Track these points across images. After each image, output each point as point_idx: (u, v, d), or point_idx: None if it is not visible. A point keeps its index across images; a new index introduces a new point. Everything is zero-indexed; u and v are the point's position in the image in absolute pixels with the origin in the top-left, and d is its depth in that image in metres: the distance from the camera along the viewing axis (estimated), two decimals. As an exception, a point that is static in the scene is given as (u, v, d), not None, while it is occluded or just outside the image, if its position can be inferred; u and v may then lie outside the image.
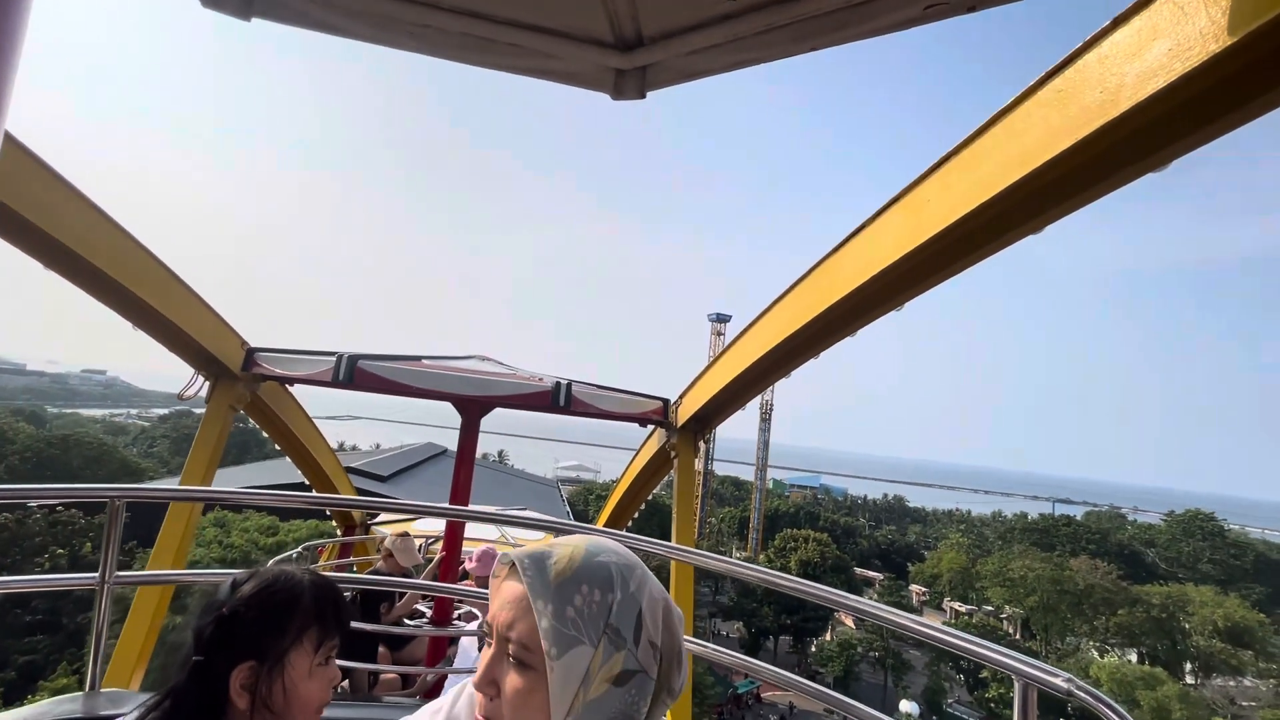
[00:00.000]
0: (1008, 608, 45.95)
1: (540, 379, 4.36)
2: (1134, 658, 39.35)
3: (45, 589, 1.89)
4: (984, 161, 2.14)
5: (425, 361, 4.31)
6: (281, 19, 2.09)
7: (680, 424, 5.40)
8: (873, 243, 2.78)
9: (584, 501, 57.47)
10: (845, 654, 39.87)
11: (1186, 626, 38.70)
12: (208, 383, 4.87)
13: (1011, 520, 67.83)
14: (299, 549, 6.26)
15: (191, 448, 4.77)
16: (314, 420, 6.85)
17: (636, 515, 7.75)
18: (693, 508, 5.71)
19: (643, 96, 2.32)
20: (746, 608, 45.25)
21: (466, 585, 5.06)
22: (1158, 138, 1.72)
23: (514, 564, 0.84)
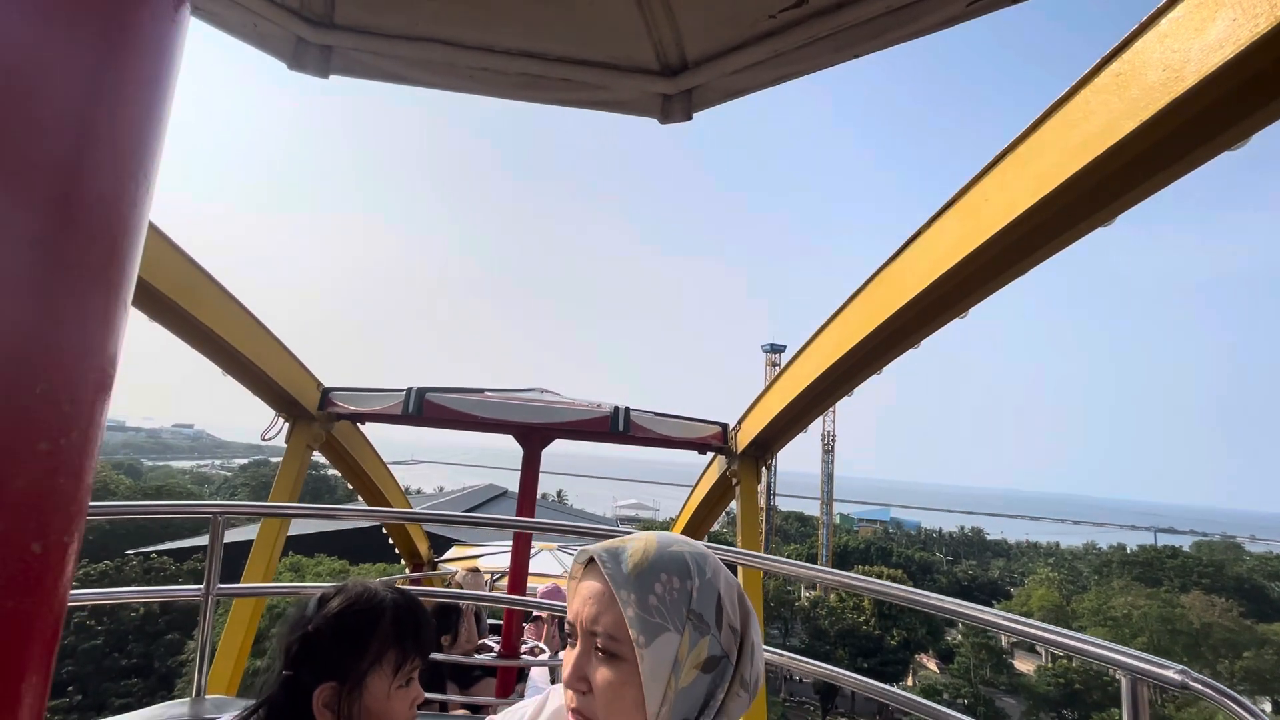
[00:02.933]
0: (1115, 649, 41.96)
1: (599, 405, 4.44)
2: (1269, 707, 34.98)
3: (155, 599, 2.06)
4: (1043, 154, 2.09)
5: (488, 394, 4.46)
6: (356, 74, 2.31)
7: (741, 450, 5.33)
8: (931, 247, 2.73)
9: (645, 540, 56.53)
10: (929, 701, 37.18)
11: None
12: (287, 424, 5.19)
13: (1108, 552, 62.55)
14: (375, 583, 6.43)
15: (274, 484, 5.06)
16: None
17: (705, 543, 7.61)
18: (758, 532, 5.58)
19: (689, 118, 2.41)
20: (818, 650, 43.05)
21: (532, 627, 5.07)
22: (1230, 113, 1.65)
23: (592, 559, 0.85)
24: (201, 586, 1.97)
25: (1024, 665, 36.54)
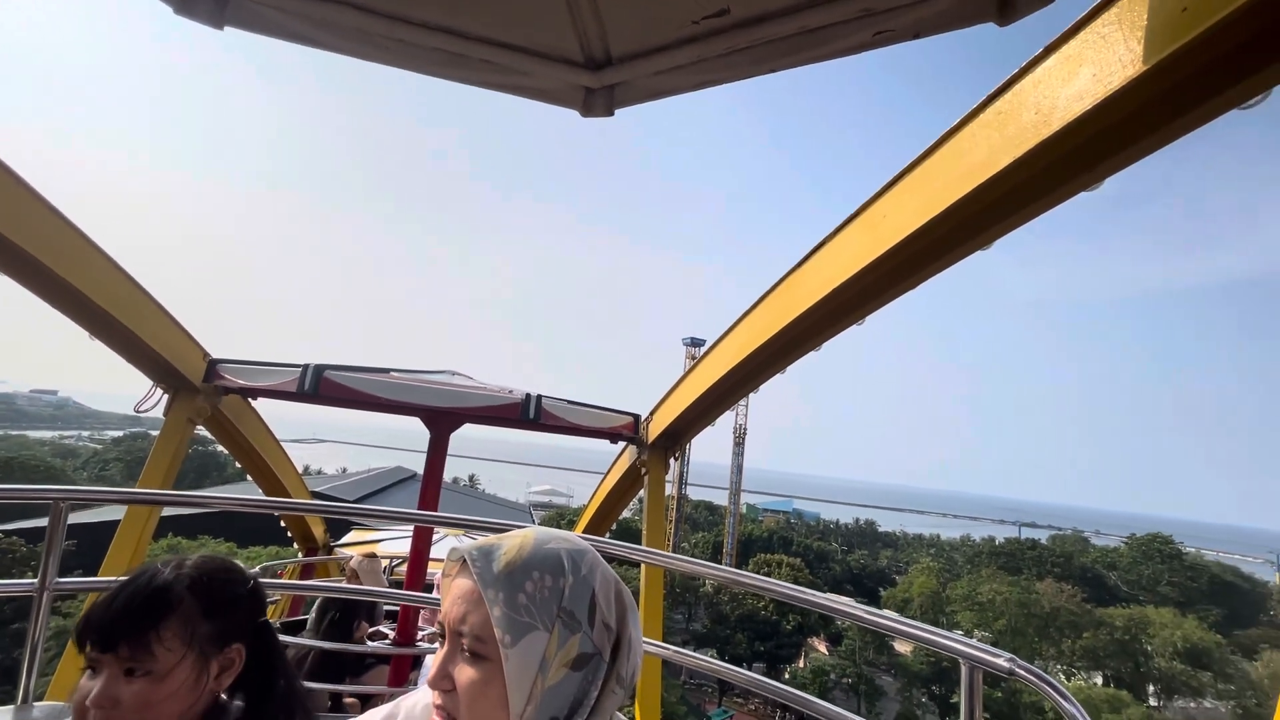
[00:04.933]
0: (977, 631, 46.37)
1: (510, 391, 4.37)
2: (1100, 680, 39.89)
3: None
4: (934, 179, 2.26)
5: (394, 374, 4.27)
6: (254, 28, 2.13)
7: (651, 440, 5.43)
8: (833, 258, 2.89)
9: (556, 525, 56.37)
10: (819, 680, 39.63)
11: (1149, 648, 39.48)
12: (166, 396, 4.76)
13: (979, 544, 68.76)
14: (257, 569, 6.05)
15: (146, 463, 4.63)
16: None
17: (607, 538, 7.72)
18: (663, 521, 5.72)
19: (611, 114, 2.41)
20: (720, 635, 44.77)
21: (431, 614, 4.95)
22: (1088, 156, 1.85)
23: (463, 559, 0.84)
24: (34, 581, 1.75)
25: (903, 647, 39.68)
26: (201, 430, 5.25)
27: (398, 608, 4.69)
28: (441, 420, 4.68)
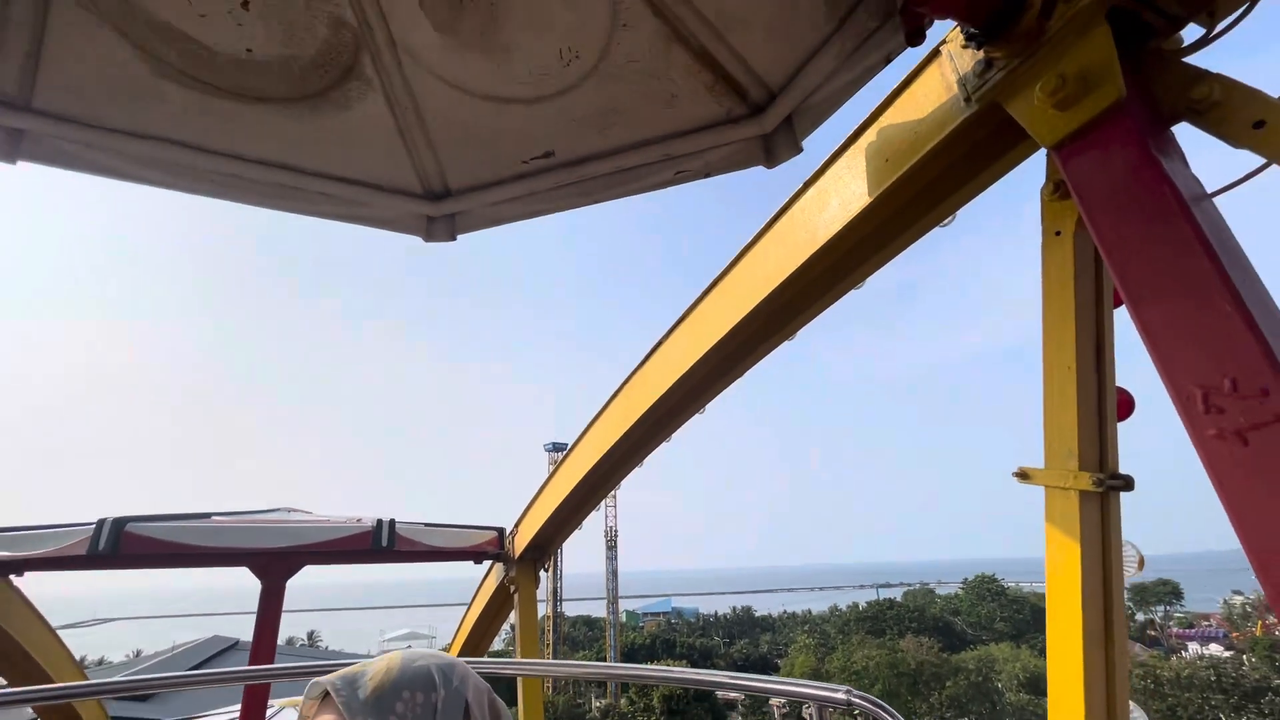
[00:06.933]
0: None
1: (359, 520, 4.05)
2: (966, 727, 42.32)
3: None
4: (740, 285, 2.68)
5: (215, 519, 3.78)
6: (52, 162, 2.03)
7: (519, 554, 5.25)
8: (670, 356, 3.21)
9: (418, 675, 49.69)
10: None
11: (999, 685, 42.95)
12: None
13: (846, 612, 71.94)
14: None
15: None
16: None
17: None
18: (538, 642, 5.41)
19: (453, 239, 2.57)
20: (612, 763, 41.16)
21: None
22: (846, 264, 2.35)
23: (326, 692, 0.81)
24: None
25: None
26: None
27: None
28: (275, 566, 4.16)
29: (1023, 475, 1.69)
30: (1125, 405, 1.63)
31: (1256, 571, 1.14)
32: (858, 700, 1.37)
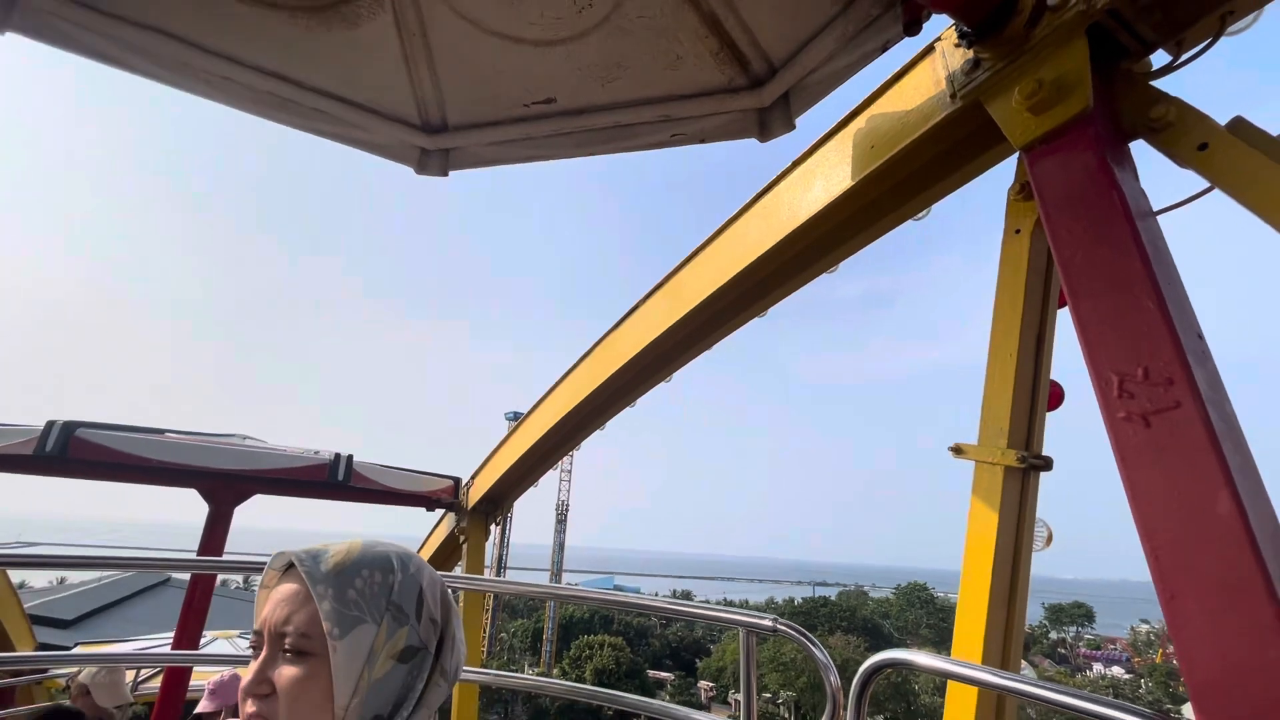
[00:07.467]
0: (783, 692, 49.12)
1: (316, 452, 4.04)
2: (884, 723, 44.33)
3: None
4: (720, 256, 2.77)
5: (169, 435, 3.72)
6: (43, 37, 1.98)
7: (471, 505, 5.30)
8: (643, 321, 3.29)
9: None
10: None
11: (915, 688, 45.04)
12: None
13: (782, 606, 74.12)
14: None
15: None
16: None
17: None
18: (480, 594, 5.49)
19: (445, 175, 2.59)
20: (539, 731, 41.89)
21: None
22: (823, 245, 2.45)
23: (291, 563, 0.84)
24: None
25: (719, 714, 40.78)
26: None
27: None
28: (225, 490, 4.12)
29: (957, 450, 1.83)
30: (1056, 396, 1.78)
31: (1144, 545, 1.28)
32: (783, 628, 1.50)
